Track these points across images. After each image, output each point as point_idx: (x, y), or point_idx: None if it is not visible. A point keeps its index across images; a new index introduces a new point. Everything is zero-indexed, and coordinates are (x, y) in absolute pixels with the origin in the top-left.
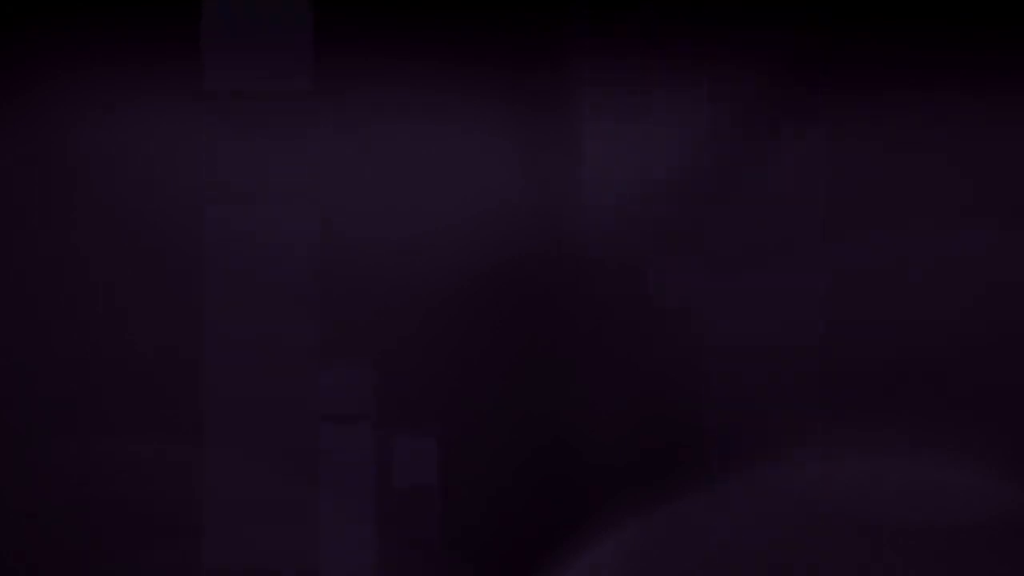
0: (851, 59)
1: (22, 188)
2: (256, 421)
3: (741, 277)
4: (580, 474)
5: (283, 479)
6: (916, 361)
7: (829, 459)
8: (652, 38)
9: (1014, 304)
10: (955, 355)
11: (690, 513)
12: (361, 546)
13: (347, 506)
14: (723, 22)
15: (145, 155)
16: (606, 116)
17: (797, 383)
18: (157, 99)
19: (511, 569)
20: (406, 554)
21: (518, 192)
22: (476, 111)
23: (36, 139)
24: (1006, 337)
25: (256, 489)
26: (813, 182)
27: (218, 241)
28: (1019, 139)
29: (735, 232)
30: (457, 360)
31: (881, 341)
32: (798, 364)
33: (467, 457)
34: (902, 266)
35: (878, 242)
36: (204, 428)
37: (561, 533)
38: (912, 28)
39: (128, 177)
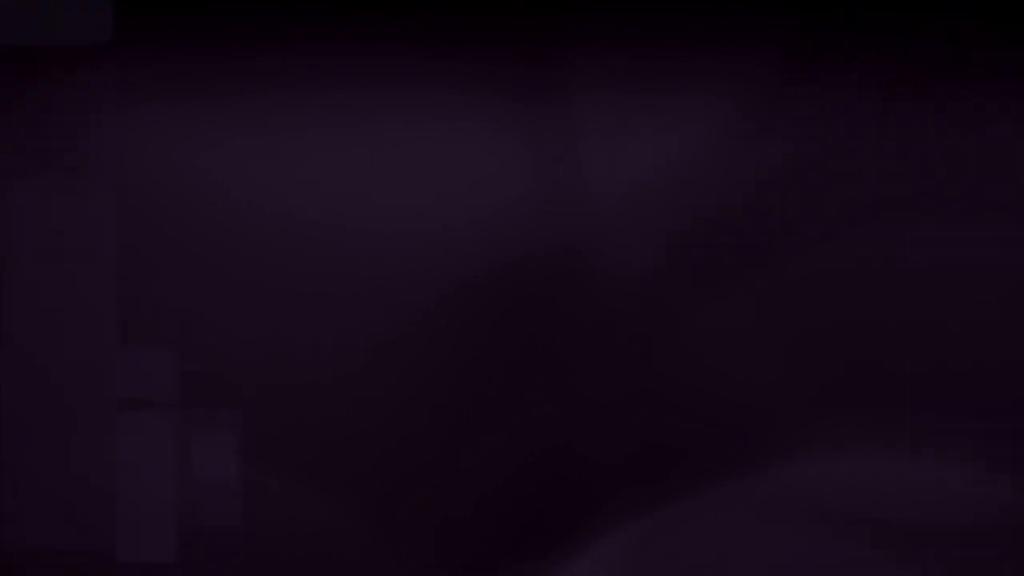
0: (850, 57)
1: (20, 187)
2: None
3: (742, 276)
4: (580, 474)
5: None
6: (916, 361)
7: (830, 459)
8: (654, 37)
9: (1014, 303)
10: (955, 355)
11: (690, 513)
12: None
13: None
14: (724, 21)
15: (141, 155)
16: (608, 116)
17: (798, 383)
18: (156, 99)
19: (511, 569)
20: (405, 556)
21: (518, 192)
22: (476, 110)
23: (36, 139)
24: (1006, 337)
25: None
26: (812, 181)
27: (219, 240)
28: (1019, 138)
29: (736, 231)
30: (457, 360)
31: (882, 341)
32: (799, 364)
33: (467, 457)
34: (902, 265)
35: (878, 241)
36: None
37: (561, 533)
38: (910, 26)
39: (126, 177)
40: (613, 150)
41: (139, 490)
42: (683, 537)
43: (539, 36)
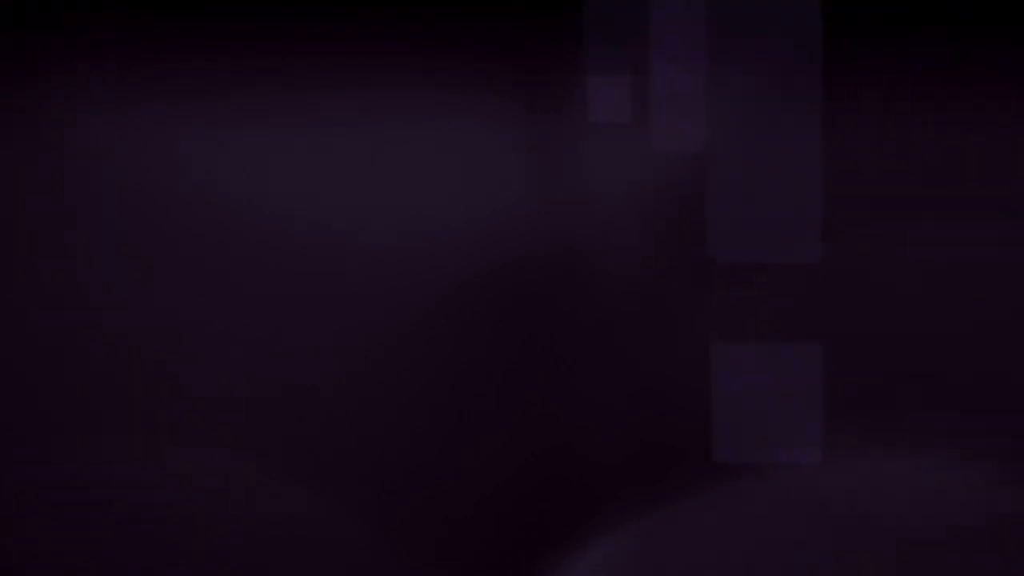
0: (851, 57)
1: (20, 187)
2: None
3: (742, 276)
4: (580, 474)
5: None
6: (916, 361)
7: (831, 459)
8: (656, 37)
9: (1014, 304)
10: (955, 355)
11: (690, 513)
12: (354, 545)
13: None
14: (725, 20)
15: (141, 155)
16: (608, 116)
17: (799, 383)
18: (156, 99)
19: (512, 569)
20: (404, 556)
21: (518, 192)
22: (476, 110)
23: (36, 139)
24: (1007, 337)
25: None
26: (813, 181)
27: (219, 241)
28: (1019, 138)
29: (735, 231)
30: (457, 360)
31: (882, 341)
32: (799, 364)
33: (467, 457)
34: (902, 265)
35: (879, 241)
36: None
37: (561, 533)
38: (910, 26)
39: (126, 177)
40: (613, 150)
41: None
42: (683, 537)
43: (539, 36)
